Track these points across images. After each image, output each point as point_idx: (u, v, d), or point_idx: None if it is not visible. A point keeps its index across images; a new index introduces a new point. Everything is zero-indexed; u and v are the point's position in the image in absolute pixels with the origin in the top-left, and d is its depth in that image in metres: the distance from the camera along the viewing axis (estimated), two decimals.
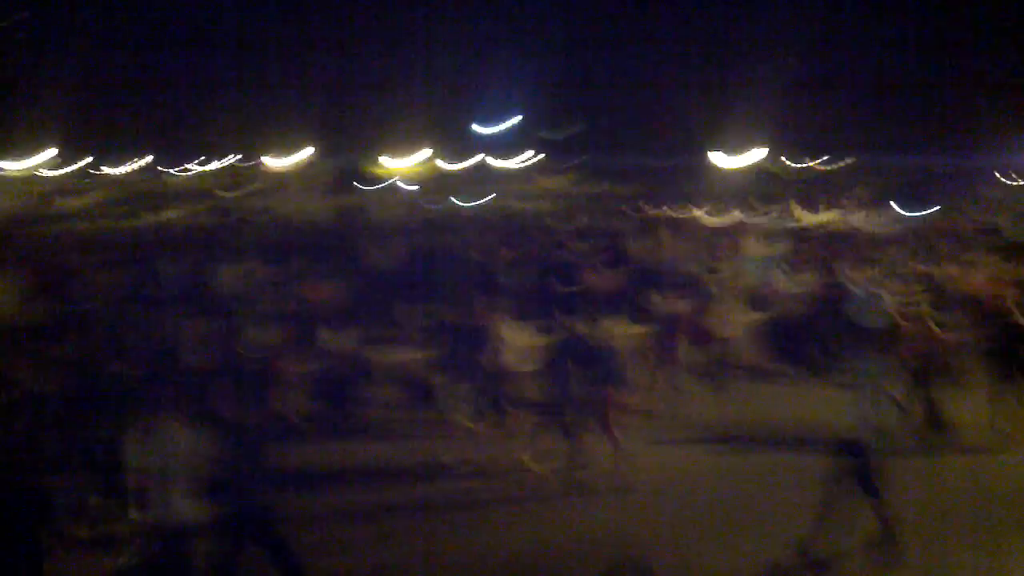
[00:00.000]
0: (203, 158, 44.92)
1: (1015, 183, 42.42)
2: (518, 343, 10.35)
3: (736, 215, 28.10)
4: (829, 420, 8.87)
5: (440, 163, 41.38)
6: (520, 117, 39.66)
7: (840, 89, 38.80)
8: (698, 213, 28.73)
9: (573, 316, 10.11)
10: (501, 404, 10.27)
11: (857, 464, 7.29)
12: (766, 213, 29.09)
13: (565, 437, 9.26)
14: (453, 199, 34.45)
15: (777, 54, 38.45)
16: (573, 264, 15.78)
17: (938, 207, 31.18)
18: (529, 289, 14.14)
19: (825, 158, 44.57)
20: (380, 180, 41.01)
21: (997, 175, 41.95)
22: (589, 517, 8.39)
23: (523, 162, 41.40)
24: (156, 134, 42.70)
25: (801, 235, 22.35)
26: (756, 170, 39.73)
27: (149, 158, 44.07)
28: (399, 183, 40.17)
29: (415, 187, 39.48)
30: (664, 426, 10.88)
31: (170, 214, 32.59)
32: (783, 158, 42.46)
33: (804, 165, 43.91)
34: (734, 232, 21.41)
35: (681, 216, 28.36)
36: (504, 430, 10.12)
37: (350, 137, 41.48)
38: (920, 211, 30.68)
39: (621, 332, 10.10)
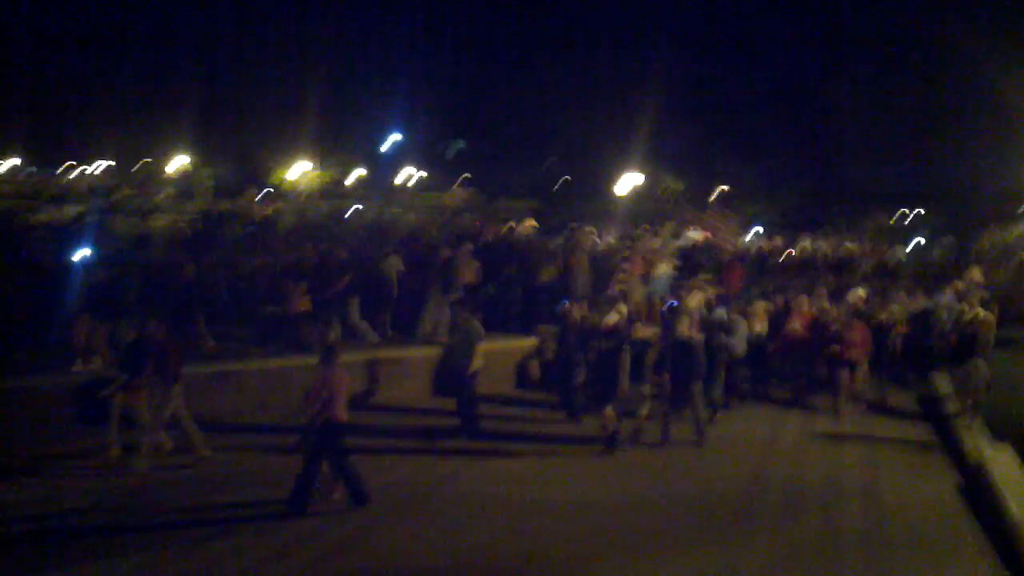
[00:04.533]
0: (72, 163, 43.29)
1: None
2: None
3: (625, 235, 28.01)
4: None
5: (323, 175, 40.72)
6: (401, 135, 39.37)
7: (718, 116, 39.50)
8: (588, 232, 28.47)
9: None
10: None
11: None
12: (654, 235, 29.08)
13: None
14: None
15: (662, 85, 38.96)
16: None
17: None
18: None
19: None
20: (262, 189, 40.15)
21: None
22: None
23: (407, 177, 41.08)
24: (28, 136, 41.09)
25: (690, 257, 22.25)
26: (642, 192, 40.11)
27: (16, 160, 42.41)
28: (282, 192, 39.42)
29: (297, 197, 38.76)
30: None
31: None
32: (668, 181, 43.05)
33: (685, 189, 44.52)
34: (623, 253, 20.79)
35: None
36: None
37: (232, 145, 40.59)
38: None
39: None
